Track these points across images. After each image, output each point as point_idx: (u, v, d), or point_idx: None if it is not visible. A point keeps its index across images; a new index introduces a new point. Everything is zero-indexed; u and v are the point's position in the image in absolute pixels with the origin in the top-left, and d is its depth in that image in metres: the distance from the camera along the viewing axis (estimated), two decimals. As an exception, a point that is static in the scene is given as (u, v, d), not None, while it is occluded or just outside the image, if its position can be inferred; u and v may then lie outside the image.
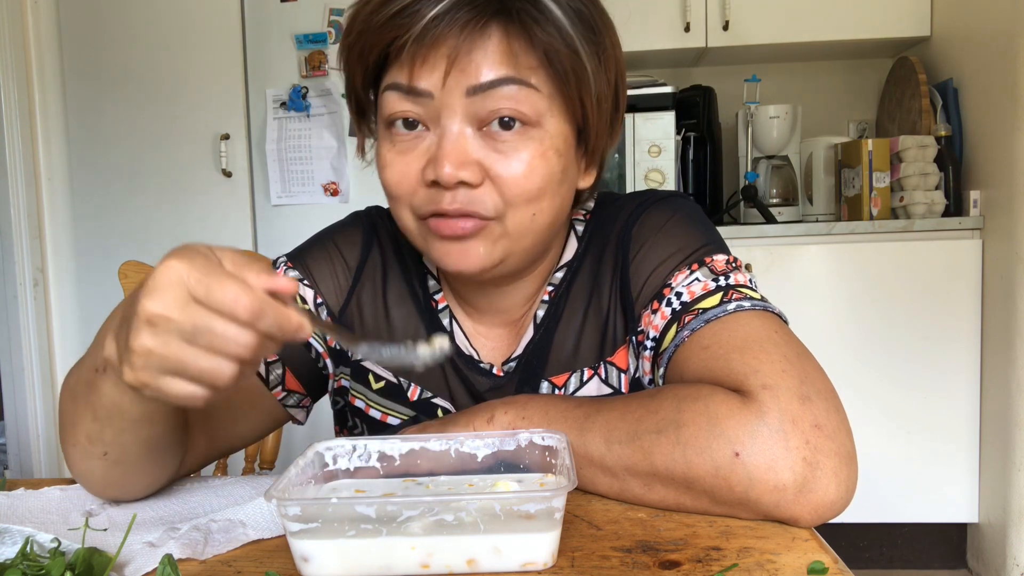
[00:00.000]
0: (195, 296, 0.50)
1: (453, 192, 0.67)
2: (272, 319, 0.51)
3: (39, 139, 2.64)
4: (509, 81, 0.66)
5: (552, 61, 0.67)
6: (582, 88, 0.69)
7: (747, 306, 0.70)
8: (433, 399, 0.83)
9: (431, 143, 0.68)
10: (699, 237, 0.78)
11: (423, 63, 0.66)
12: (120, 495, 0.71)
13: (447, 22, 0.64)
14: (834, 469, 0.58)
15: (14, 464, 2.66)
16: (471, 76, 0.66)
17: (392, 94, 0.68)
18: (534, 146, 0.68)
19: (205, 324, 0.50)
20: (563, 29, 0.66)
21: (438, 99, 0.67)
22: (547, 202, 0.70)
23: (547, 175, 0.69)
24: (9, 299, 2.59)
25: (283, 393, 0.82)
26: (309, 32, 2.48)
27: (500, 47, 0.66)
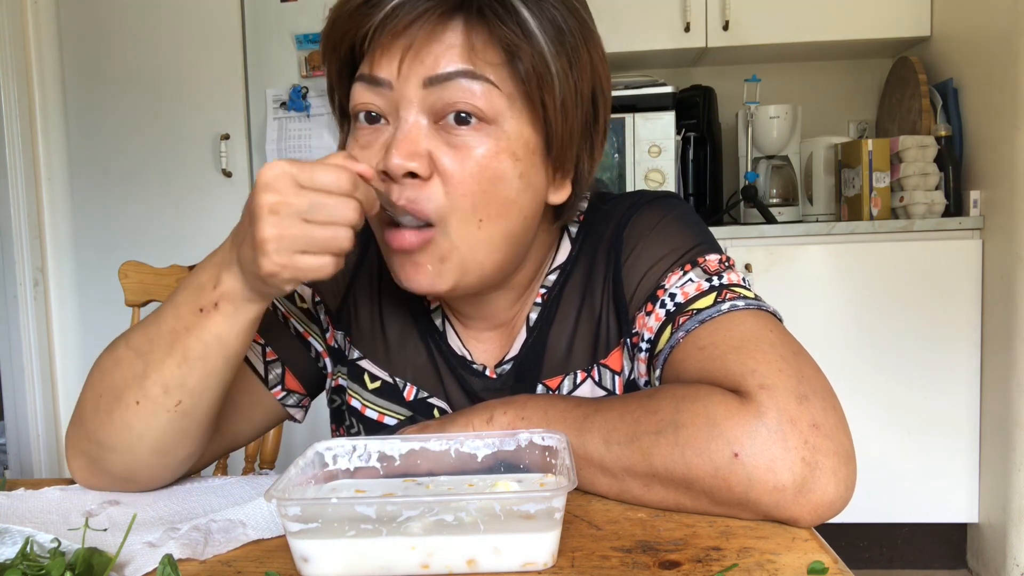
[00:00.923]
0: (301, 183, 0.59)
1: (401, 185, 0.66)
2: (363, 190, 0.61)
3: (39, 139, 2.64)
4: (467, 75, 0.65)
5: (514, 59, 0.66)
6: (544, 90, 0.67)
7: (741, 305, 0.70)
8: (429, 399, 0.83)
9: (389, 135, 0.68)
10: (691, 237, 0.77)
11: (383, 52, 0.66)
12: (155, 466, 0.72)
13: (408, 11, 0.64)
14: (833, 468, 0.58)
15: (14, 464, 2.66)
16: (428, 67, 0.65)
17: (357, 85, 0.69)
18: (488, 144, 0.66)
19: (319, 201, 0.59)
20: (527, 28, 0.65)
21: (396, 90, 0.66)
22: (496, 209, 0.68)
23: (498, 176, 0.67)
24: (9, 299, 2.59)
25: (283, 392, 0.82)
26: (309, 32, 2.48)
27: (460, 40, 0.65)
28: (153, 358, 0.68)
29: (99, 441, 0.71)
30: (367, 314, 0.84)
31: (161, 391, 0.68)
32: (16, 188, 2.57)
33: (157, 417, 0.69)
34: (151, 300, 1.39)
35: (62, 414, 2.70)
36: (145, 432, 0.69)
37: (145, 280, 1.38)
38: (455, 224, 0.67)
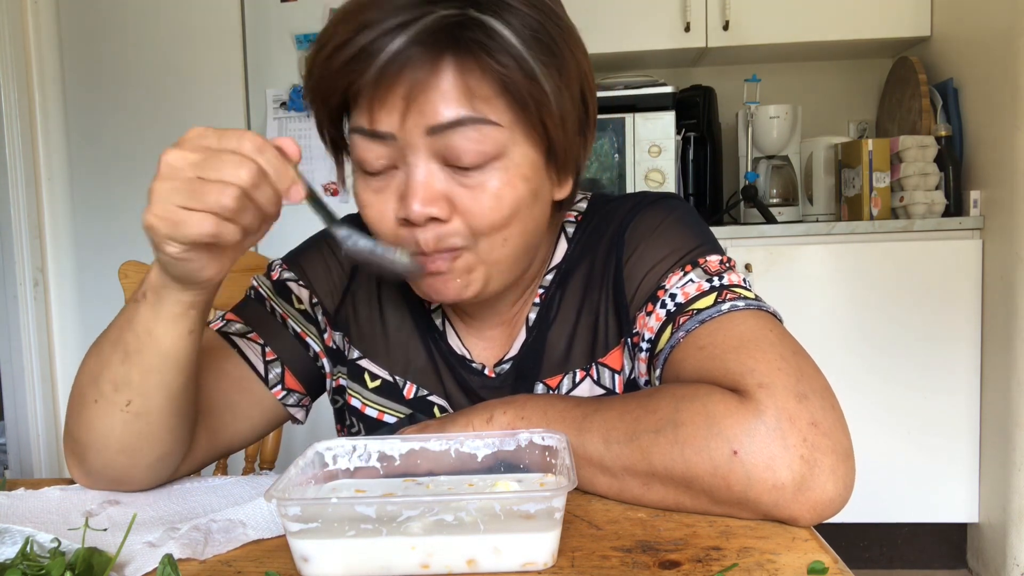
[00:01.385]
0: (207, 145, 0.57)
1: (424, 228, 0.68)
2: (273, 161, 0.58)
3: (39, 139, 2.64)
4: (467, 121, 0.65)
5: (509, 90, 0.66)
6: (543, 112, 0.67)
7: (741, 306, 0.70)
8: (429, 397, 0.83)
9: (400, 181, 0.68)
10: (692, 238, 0.78)
11: (381, 106, 0.65)
12: (129, 468, 0.71)
13: (400, 62, 0.63)
14: (832, 466, 0.59)
15: (14, 464, 2.66)
16: (429, 116, 0.65)
17: (359, 139, 0.68)
18: (500, 176, 0.68)
19: (212, 157, 0.56)
20: (518, 56, 0.65)
21: (400, 140, 0.66)
22: (517, 227, 0.70)
23: (515, 202, 0.69)
24: (9, 299, 2.59)
25: (283, 392, 0.82)
26: (309, 32, 2.48)
27: (455, 83, 0.65)
28: (103, 353, 0.69)
29: (77, 439, 0.72)
30: (367, 314, 0.85)
31: (112, 388, 0.68)
32: (16, 188, 2.57)
33: (112, 417, 0.69)
34: (151, 300, 1.39)
35: (62, 414, 2.69)
36: (107, 432, 0.69)
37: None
38: (482, 245, 0.70)
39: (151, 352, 0.66)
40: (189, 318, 0.66)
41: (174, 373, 0.68)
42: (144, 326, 0.65)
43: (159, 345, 0.66)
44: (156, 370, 0.67)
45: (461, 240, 0.69)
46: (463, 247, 0.69)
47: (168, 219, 0.57)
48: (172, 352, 0.66)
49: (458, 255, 0.69)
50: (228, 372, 0.79)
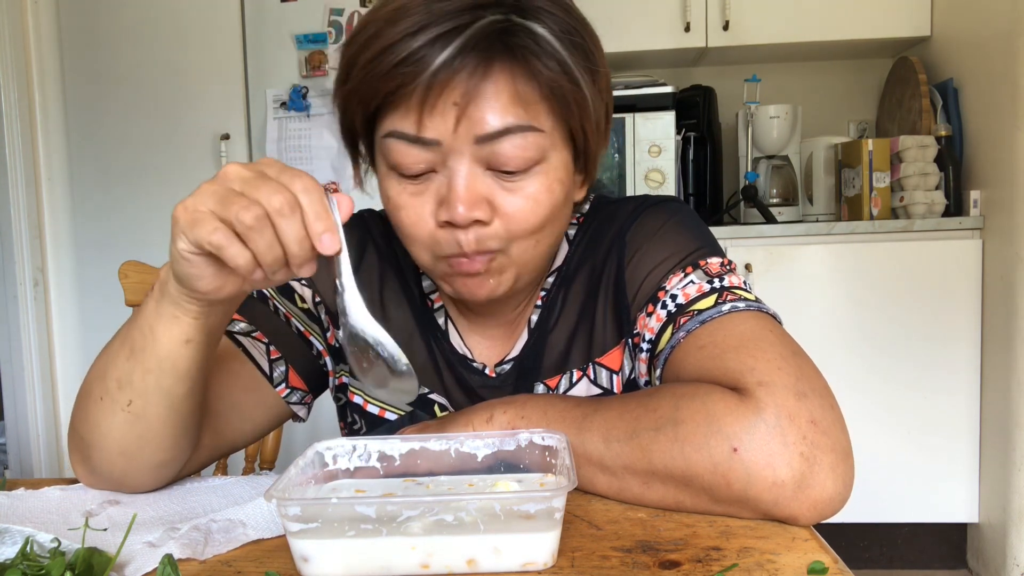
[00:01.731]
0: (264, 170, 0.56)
1: (466, 232, 0.68)
2: (315, 203, 0.54)
3: (39, 139, 2.64)
4: (515, 129, 0.66)
5: (554, 95, 0.67)
6: (584, 117, 0.70)
7: (741, 307, 0.71)
8: (430, 395, 0.84)
9: (440, 184, 0.69)
10: (693, 240, 0.78)
11: (431, 113, 0.65)
12: (129, 470, 0.70)
13: (453, 69, 0.63)
14: (831, 465, 0.59)
15: (14, 464, 2.66)
16: (478, 125, 0.65)
17: (396, 142, 0.67)
18: (540, 180, 0.69)
19: (262, 179, 0.54)
20: (562, 61, 0.66)
21: (446, 146, 0.66)
22: (548, 229, 0.72)
23: (552, 206, 0.70)
24: (9, 299, 2.59)
25: (287, 391, 0.83)
26: (309, 32, 2.48)
27: (506, 90, 0.65)
28: (113, 348, 0.69)
29: (81, 436, 0.71)
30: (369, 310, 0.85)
31: (116, 385, 0.67)
32: (16, 188, 2.57)
33: (115, 415, 0.68)
34: (151, 300, 1.39)
35: (62, 414, 2.69)
36: (108, 431, 0.69)
37: (145, 280, 1.38)
38: (515, 248, 0.71)
39: (151, 352, 0.65)
40: (185, 324, 0.63)
41: (172, 380, 0.66)
42: (148, 322, 0.65)
43: (158, 346, 0.64)
44: (155, 372, 0.66)
45: (497, 243, 0.70)
46: (498, 249, 0.70)
47: (190, 215, 0.56)
48: (169, 357, 0.65)
49: (493, 257, 0.70)
50: (233, 371, 0.79)
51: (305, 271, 0.56)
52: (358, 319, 0.59)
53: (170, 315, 0.63)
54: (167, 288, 0.63)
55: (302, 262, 0.56)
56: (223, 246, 0.54)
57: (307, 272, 0.56)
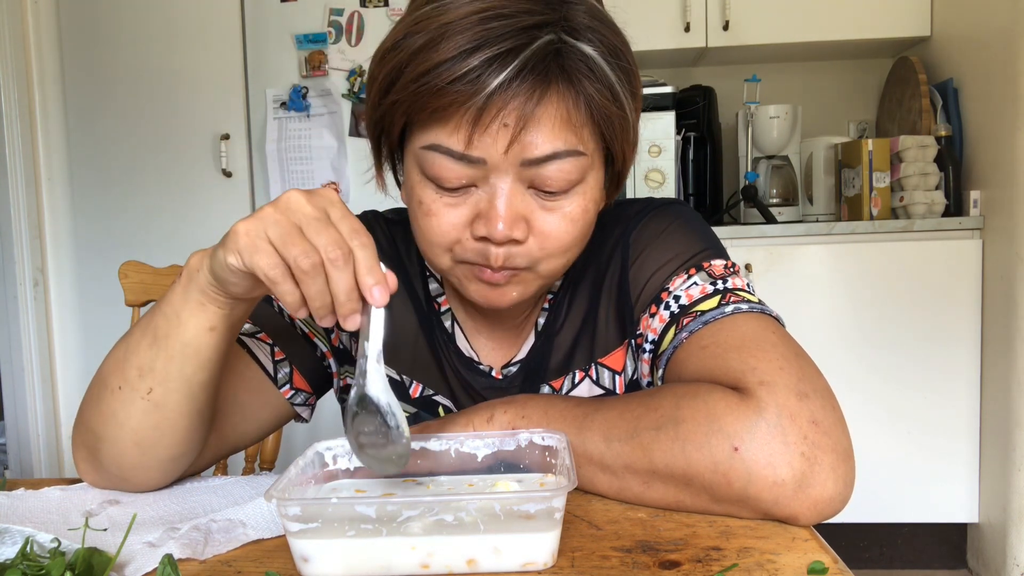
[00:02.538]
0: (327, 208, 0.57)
1: (498, 248, 0.68)
2: (370, 257, 0.56)
3: (39, 139, 2.64)
4: (563, 155, 0.66)
5: (600, 118, 0.67)
6: (624, 140, 0.71)
7: (744, 308, 0.71)
8: (435, 396, 0.84)
9: (479, 199, 0.68)
10: (697, 242, 0.79)
11: (482, 133, 0.64)
12: (140, 463, 0.71)
13: (510, 92, 0.63)
14: (832, 465, 0.59)
15: (14, 464, 2.66)
16: (528, 148, 0.65)
17: (440, 156, 0.66)
18: (578, 201, 0.70)
19: (324, 221, 0.56)
20: (612, 86, 0.67)
21: (492, 165, 0.66)
22: (578, 245, 0.73)
23: (586, 225, 0.71)
24: (9, 299, 2.59)
25: (291, 392, 0.83)
26: (309, 32, 2.48)
27: (559, 115, 0.65)
28: (133, 339, 0.69)
29: (92, 429, 0.71)
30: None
31: (137, 373, 0.68)
32: (16, 188, 2.57)
33: (134, 404, 0.68)
34: (151, 300, 1.39)
35: (62, 414, 2.70)
36: (125, 420, 0.69)
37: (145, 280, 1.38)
38: (544, 264, 0.71)
39: (175, 338, 0.66)
40: (211, 312, 0.65)
41: (194, 366, 0.67)
42: (174, 308, 0.65)
43: (183, 331, 0.65)
44: (177, 359, 0.66)
45: (525, 261, 0.70)
46: (525, 267, 0.70)
47: (252, 240, 0.57)
48: (193, 343, 0.66)
49: (516, 273, 0.71)
50: (238, 371, 0.80)
51: (350, 323, 0.57)
52: (375, 384, 0.59)
53: (197, 302, 0.64)
54: (197, 278, 0.64)
55: (348, 312, 0.57)
56: (277, 282, 0.56)
57: (351, 324, 0.57)
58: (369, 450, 0.60)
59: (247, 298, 0.65)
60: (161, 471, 0.72)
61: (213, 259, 0.61)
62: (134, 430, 0.69)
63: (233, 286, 0.61)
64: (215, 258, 0.61)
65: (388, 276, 0.58)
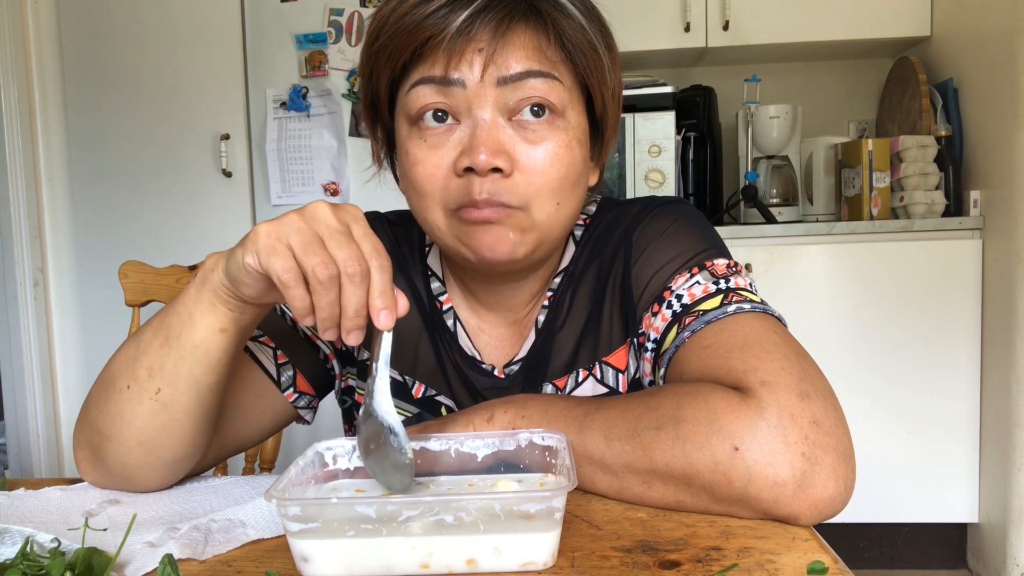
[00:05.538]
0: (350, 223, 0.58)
1: (482, 180, 0.69)
2: (386, 277, 0.57)
3: (39, 139, 2.64)
4: (537, 74, 0.70)
5: (574, 55, 0.72)
6: (601, 82, 0.74)
7: (747, 308, 0.71)
8: (437, 397, 0.84)
9: (463, 134, 0.71)
10: (700, 241, 0.79)
11: (459, 58, 0.69)
12: (144, 463, 0.71)
13: (482, 20, 0.68)
14: (832, 465, 0.59)
15: (14, 464, 2.66)
16: (502, 68, 0.69)
17: (423, 88, 0.70)
18: (560, 135, 0.72)
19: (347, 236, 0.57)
20: (583, 26, 0.72)
21: (470, 89, 0.69)
22: (568, 192, 0.73)
23: (570, 164, 0.72)
24: (9, 299, 2.59)
25: (295, 395, 0.83)
26: (309, 32, 2.48)
27: (529, 42, 0.70)
28: (144, 339, 0.69)
29: (98, 428, 0.71)
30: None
31: (146, 373, 0.68)
32: (16, 188, 2.57)
33: (141, 404, 0.68)
34: (151, 300, 1.39)
35: (62, 414, 2.69)
36: (132, 420, 0.69)
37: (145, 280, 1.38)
38: (536, 207, 0.72)
39: (187, 338, 0.66)
40: (221, 314, 0.66)
41: (203, 368, 0.67)
42: (187, 308, 0.66)
43: (194, 331, 0.66)
44: (187, 360, 0.67)
45: (516, 199, 0.71)
46: (518, 207, 0.71)
47: (271, 242, 0.58)
48: (203, 344, 0.66)
49: (510, 213, 0.71)
50: (241, 375, 0.80)
51: (352, 338, 0.57)
52: (381, 404, 0.60)
53: (209, 303, 0.65)
54: (211, 278, 0.65)
55: (352, 328, 0.57)
56: (290, 287, 0.57)
57: (353, 340, 0.57)
58: (376, 465, 0.61)
59: (258, 303, 0.65)
60: (164, 472, 0.72)
61: (230, 259, 0.62)
62: (140, 430, 0.69)
63: (246, 287, 0.62)
64: (232, 258, 0.62)
65: (399, 298, 0.58)
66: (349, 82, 2.48)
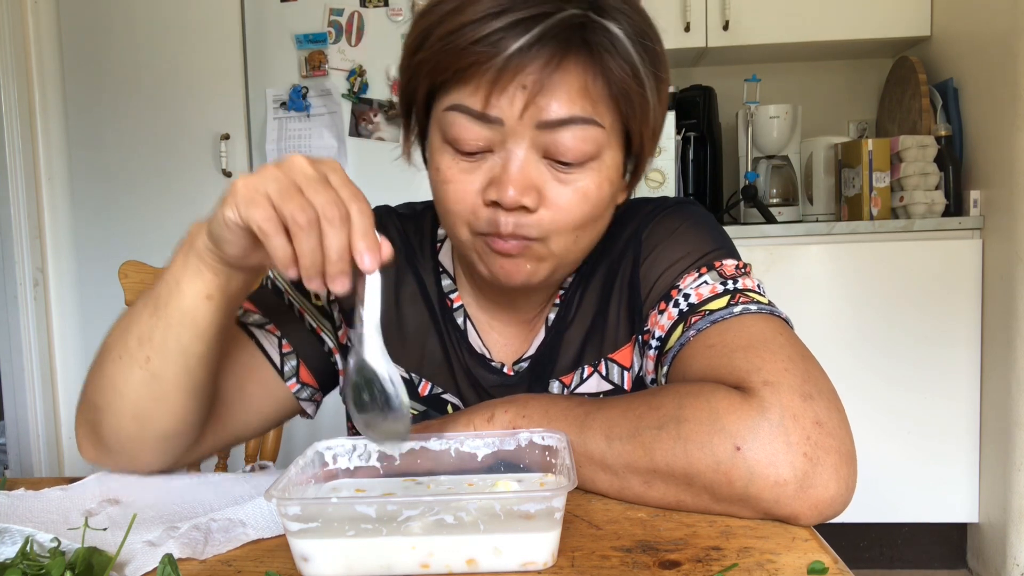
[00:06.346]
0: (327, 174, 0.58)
1: (508, 214, 0.69)
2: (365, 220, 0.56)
3: (39, 139, 2.64)
4: (579, 120, 0.67)
5: (619, 95, 0.68)
6: (643, 123, 0.71)
7: (753, 309, 0.71)
8: (443, 394, 0.84)
9: (494, 164, 0.69)
10: (710, 242, 0.79)
11: (500, 93, 0.66)
12: (138, 437, 0.72)
13: (529, 55, 0.64)
14: (834, 466, 0.59)
15: (14, 464, 2.66)
16: (544, 111, 0.67)
17: (460, 117, 0.68)
18: (592, 177, 0.70)
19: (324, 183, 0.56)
20: (634, 65, 0.68)
21: (508, 127, 0.67)
22: (590, 226, 0.73)
23: (599, 203, 0.71)
24: (9, 299, 2.59)
25: (297, 386, 0.83)
26: (309, 32, 2.48)
27: (575, 83, 0.67)
28: (136, 308, 0.70)
29: (94, 403, 0.72)
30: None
31: (136, 342, 0.68)
32: (16, 188, 2.57)
33: (132, 373, 0.69)
34: (151, 300, 1.39)
35: (62, 414, 2.69)
36: (124, 390, 0.70)
37: (145, 280, 1.38)
38: (555, 240, 0.71)
39: (175, 305, 0.66)
40: (208, 280, 0.65)
41: (191, 336, 0.67)
42: (174, 275, 0.66)
43: (182, 298, 0.66)
44: (175, 327, 0.67)
45: (536, 232, 0.70)
46: (536, 239, 0.70)
47: (250, 192, 0.57)
48: (191, 312, 0.66)
49: (529, 245, 0.71)
50: (244, 361, 0.80)
51: (338, 284, 0.57)
52: (373, 352, 0.59)
53: (195, 268, 0.65)
54: (196, 243, 0.65)
55: (337, 273, 0.56)
56: (269, 235, 0.56)
57: (339, 287, 0.57)
58: (369, 420, 0.60)
59: (243, 265, 0.65)
60: (158, 449, 0.73)
61: (211, 220, 0.62)
62: (133, 402, 0.70)
63: (229, 245, 0.61)
64: (213, 218, 0.61)
65: (382, 244, 0.58)
66: (349, 82, 2.48)
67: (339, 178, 0.58)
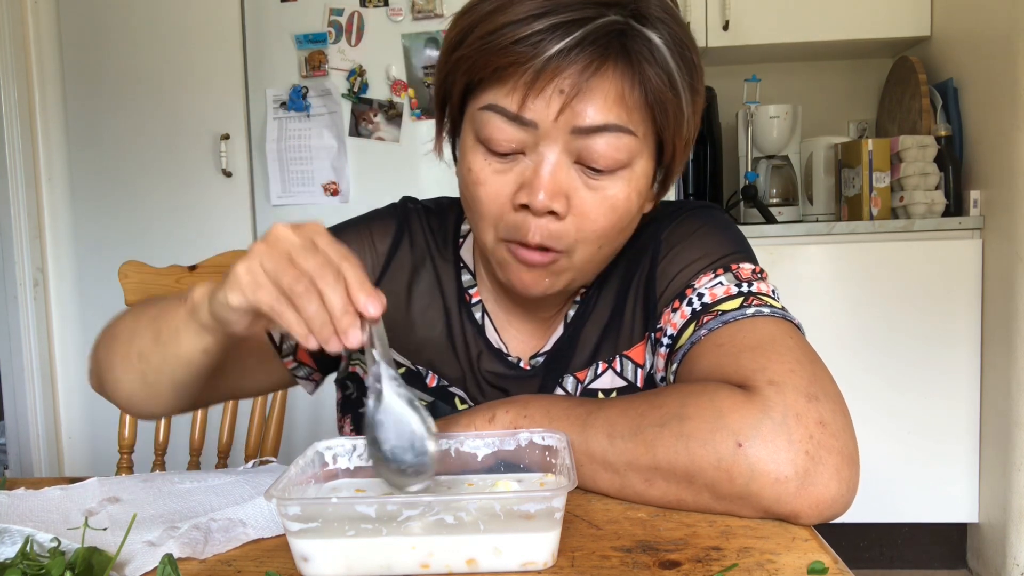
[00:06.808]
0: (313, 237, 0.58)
1: (538, 220, 0.69)
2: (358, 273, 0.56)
3: (39, 139, 2.64)
4: (613, 128, 0.67)
5: (655, 104, 0.68)
6: (676, 134, 0.71)
7: (766, 312, 0.71)
8: (450, 387, 0.84)
9: (526, 167, 0.70)
10: (728, 244, 0.79)
11: (537, 96, 0.66)
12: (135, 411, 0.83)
13: (568, 59, 0.64)
14: (836, 466, 0.59)
15: (14, 464, 2.66)
16: (579, 117, 0.67)
17: (495, 117, 0.68)
18: (621, 185, 0.70)
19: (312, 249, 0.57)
20: (672, 75, 0.68)
21: (542, 130, 0.68)
22: (614, 236, 0.73)
23: (625, 213, 0.72)
24: (9, 299, 2.59)
25: (294, 363, 0.85)
26: (309, 32, 2.48)
27: (612, 90, 0.67)
28: (142, 322, 0.75)
29: (99, 362, 0.81)
30: (393, 304, 0.85)
31: (137, 356, 0.75)
32: (16, 188, 2.57)
33: (128, 373, 0.76)
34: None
35: (62, 414, 2.69)
36: (121, 380, 0.78)
37: (145, 280, 1.38)
38: (579, 251, 0.72)
39: (172, 350, 0.71)
40: (207, 341, 0.68)
41: (184, 371, 0.72)
42: (175, 325, 0.70)
43: (180, 347, 0.70)
44: (171, 364, 0.72)
45: (563, 244, 0.70)
46: (562, 251, 0.71)
47: (253, 278, 0.58)
48: (186, 357, 0.70)
49: (555, 259, 0.71)
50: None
51: (351, 337, 0.56)
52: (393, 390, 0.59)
53: (196, 331, 0.68)
54: (199, 311, 0.66)
55: (347, 326, 0.56)
56: (282, 313, 0.57)
57: (353, 339, 0.56)
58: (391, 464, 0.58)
59: (245, 334, 0.66)
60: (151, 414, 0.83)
61: (213, 301, 0.62)
62: (127, 390, 0.78)
63: (234, 324, 0.62)
64: (215, 300, 0.62)
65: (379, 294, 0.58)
66: (349, 82, 2.48)
67: (324, 240, 0.59)
